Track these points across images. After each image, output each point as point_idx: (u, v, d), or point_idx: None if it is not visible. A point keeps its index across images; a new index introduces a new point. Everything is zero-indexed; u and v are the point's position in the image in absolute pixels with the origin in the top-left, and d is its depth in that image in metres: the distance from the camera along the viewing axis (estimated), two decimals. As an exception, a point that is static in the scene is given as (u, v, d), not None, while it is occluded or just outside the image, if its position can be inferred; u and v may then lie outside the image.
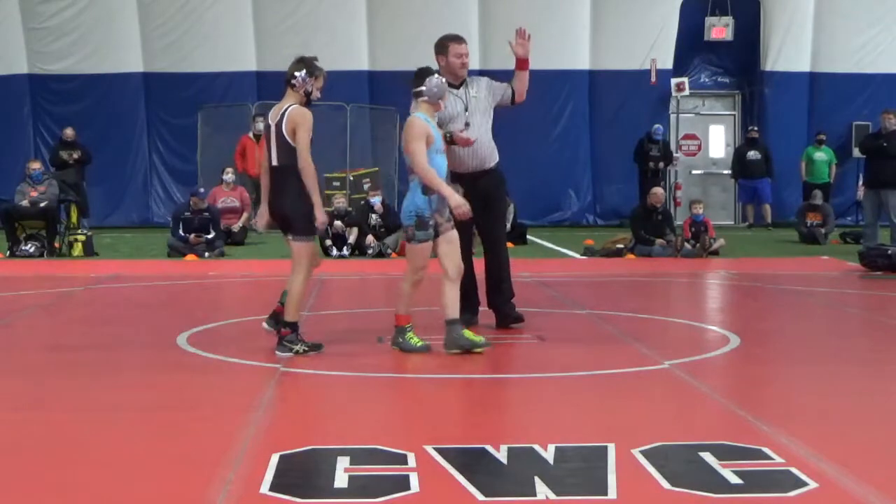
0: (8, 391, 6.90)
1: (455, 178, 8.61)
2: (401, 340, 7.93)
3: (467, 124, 8.92)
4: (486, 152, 9.08)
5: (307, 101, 8.03)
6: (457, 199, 7.95)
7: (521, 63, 9.42)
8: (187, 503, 4.50)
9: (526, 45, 9.20)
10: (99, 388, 6.95)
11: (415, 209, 7.90)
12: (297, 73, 7.93)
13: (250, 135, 20.78)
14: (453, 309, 7.86)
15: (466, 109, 9.01)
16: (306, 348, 7.89)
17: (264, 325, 8.34)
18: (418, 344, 7.88)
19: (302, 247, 8.02)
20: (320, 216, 7.88)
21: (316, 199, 7.94)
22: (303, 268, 7.97)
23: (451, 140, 8.59)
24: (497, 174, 9.22)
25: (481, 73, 23.21)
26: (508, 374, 7.34)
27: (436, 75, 8.10)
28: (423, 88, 8.01)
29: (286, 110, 7.86)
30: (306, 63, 8.03)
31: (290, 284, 7.97)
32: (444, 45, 9.09)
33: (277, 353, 7.85)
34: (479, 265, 9.08)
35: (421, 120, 7.93)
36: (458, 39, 9.21)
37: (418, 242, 7.95)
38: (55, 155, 20.55)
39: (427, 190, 7.83)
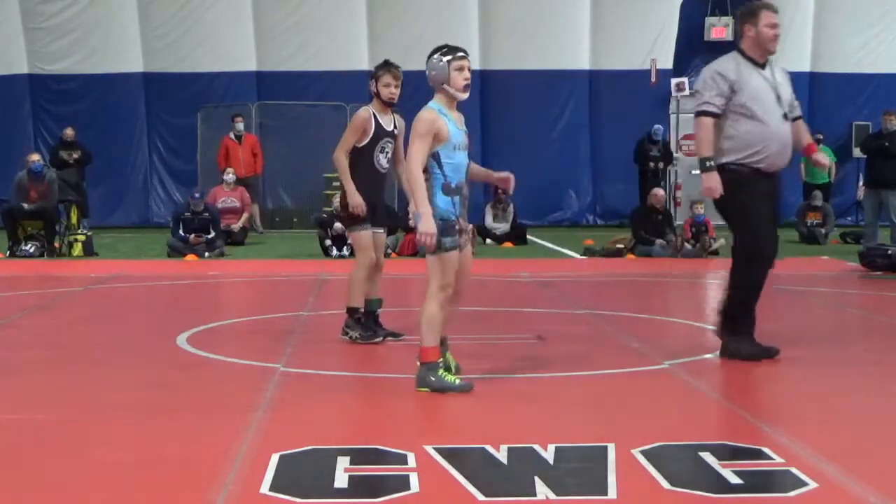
0: (7, 391, 6.90)
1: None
2: (432, 380, 6.60)
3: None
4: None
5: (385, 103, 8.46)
6: (357, 200, 7.91)
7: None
8: (189, 500, 4.50)
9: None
10: (98, 389, 6.95)
11: (438, 213, 6.60)
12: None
13: (231, 136, 20.81)
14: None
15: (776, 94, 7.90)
16: (357, 335, 8.34)
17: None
18: (456, 382, 6.65)
19: (354, 237, 8.53)
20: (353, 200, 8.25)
21: (348, 186, 8.31)
22: (361, 257, 8.41)
23: None
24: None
25: (481, 73, 23.37)
26: (508, 375, 7.33)
27: (437, 54, 6.73)
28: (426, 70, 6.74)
29: None
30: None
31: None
32: (754, 12, 8.12)
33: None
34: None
35: (429, 113, 6.67)
36: (769, 7, 8.09)
37: (445, 251, 6.61)
38: (55, 155, 20.55)
39: (448, 189, 6.65)
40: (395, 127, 8.53)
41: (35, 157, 17.67)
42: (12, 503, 4.52)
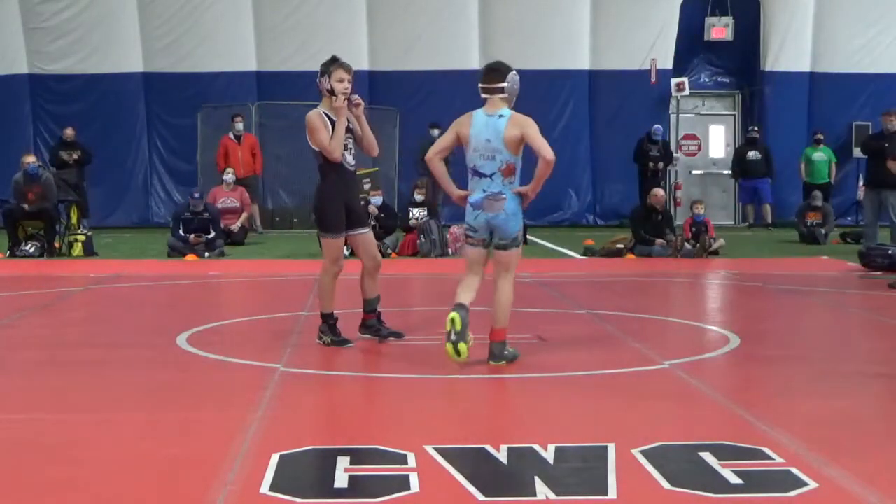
0: (8, 391, 6.91)
1: None
2: (506, 353, 7.55)
3: None
4: None
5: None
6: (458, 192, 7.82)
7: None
8: (189, 500, 4.50)
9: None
10: (99, 388, 6.96)
11: (522, 215, 7.72)
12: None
13: (231, 135, 20.82)
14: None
15: None
16: (329, 340, 8.26)
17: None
18: (515, 353, 7.67)
19: (325, 243, 8.42)
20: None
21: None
22: (328, 263, 8.36)
23: None
24: None
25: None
26: (508, 375, 7.34)
27: (514, 71, 7.62)
28: (505, 85, 7.53)
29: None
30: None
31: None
32: None
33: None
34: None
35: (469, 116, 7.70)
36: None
37: (517, 247, 7.72)
38: (55, 155, 20.55)
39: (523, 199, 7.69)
40: (351, 123, 8.34)
41: (30, 158, 17.62)
42: (12, 501, 4.52)
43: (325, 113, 8.28)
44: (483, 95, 7.63)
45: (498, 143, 7.48)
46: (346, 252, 8.61)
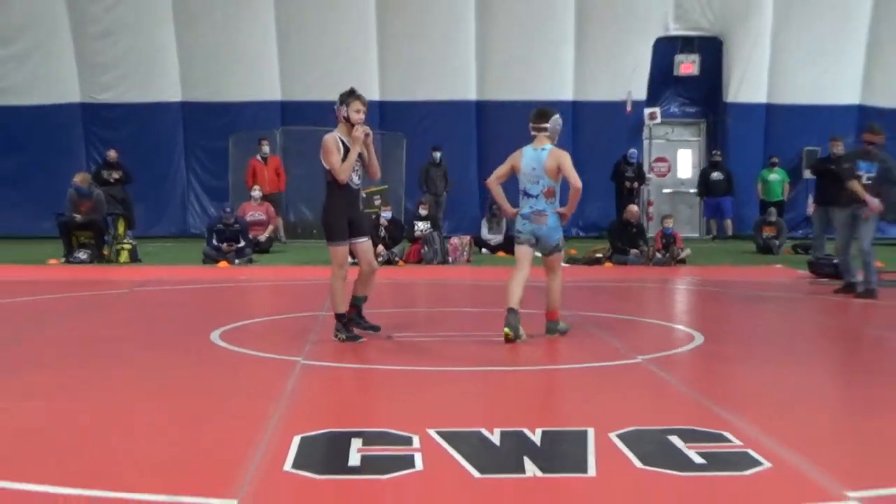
0: (63, 378, 6.91)
1: None
2: (559, 328, 8.53)
3: None
4: None
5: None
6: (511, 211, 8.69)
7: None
8: (220, 480, 4.50)
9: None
10: (140, 378, 6.96)
11: (561, 229, 8.62)
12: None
13: (258, 157, 20.82)
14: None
15: None
16: (344, 337, 8.29)
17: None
18: (567, 326, 8.69)
19: (332, 250, 8.45)
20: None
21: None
22: (336, 268, 8.41)
23: None
24: None
25: (477, 103, 23.39)
26: (501, 367, 7.34)
27: (557, 114, 8.59)
28: (548, 125, 8.47)
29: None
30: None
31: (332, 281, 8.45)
32: None
33: None
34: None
35: (521, 151, 8.54)
36: None
37: (560, 252, 8.66)
38: (97, 174, 20.56)
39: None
40: (361, 150, 8.35)
41: (80, 177, 17.63)
42: (73, 465, 4.53)
43: (340, 138, 8.29)
44: (532, 133, 8.54)
45: (540, 171, 8.40)
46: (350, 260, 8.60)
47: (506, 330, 8.10)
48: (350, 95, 8.34)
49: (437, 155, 21.40)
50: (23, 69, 22.97)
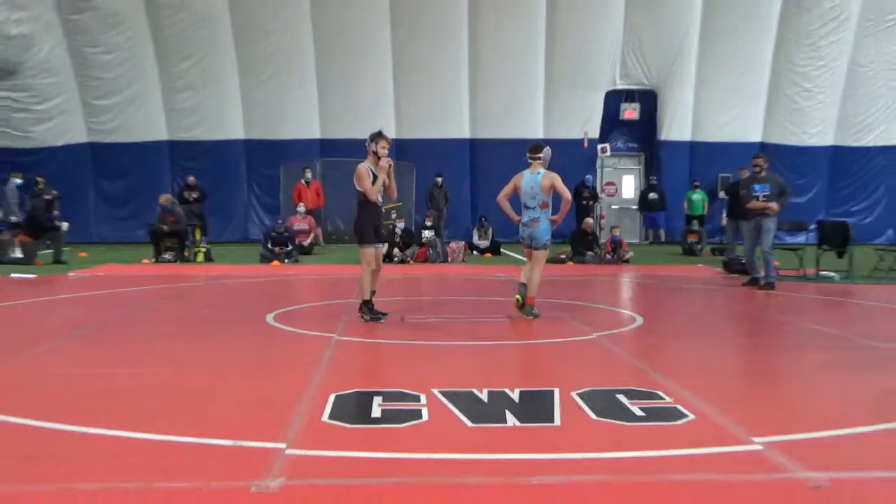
0: (151, 350, 6.91)
1: None
2: (535, 312, 8.52)
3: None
4: None
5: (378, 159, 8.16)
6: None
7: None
8: (273, 426, 4.50)
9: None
10: (210, 352, 6.94)
11: (550, 232, 8.74)
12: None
13: (302, 181, 20.86)
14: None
15: None
16: (368, 318, 8.25)
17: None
18: (538, 313, 8.58)
19: (361, 251, 8.38)
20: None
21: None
22: (365, 265, 8.36)
23: None
24: None
25: (471, 141, 23.38)
26: (488, 342, 7.33)
27: (547, 147, 8.77)
28: (542, 155, 8.63)
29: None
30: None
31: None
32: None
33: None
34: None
35: (521, 174, 8.71)
36: None
37: (545, 249, 8.79)
38: (180, 195, 20.56)
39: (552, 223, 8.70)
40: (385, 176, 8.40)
41: (164, 198, 17.63)
42: (160, 415, 4.52)
43: (370, 167, 8.32)
44: (529, 160, 8.72)
45: (537, 189, 8.62)
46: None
47: (517, 297, 8.53)
48: (378, 135, 8.39)
49: (440, 179, 21.42)
50: (124, 115, 22.96)
